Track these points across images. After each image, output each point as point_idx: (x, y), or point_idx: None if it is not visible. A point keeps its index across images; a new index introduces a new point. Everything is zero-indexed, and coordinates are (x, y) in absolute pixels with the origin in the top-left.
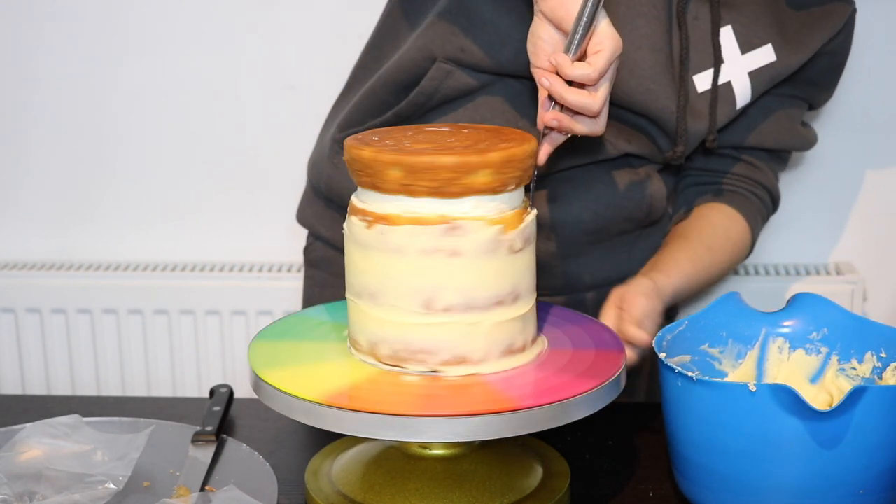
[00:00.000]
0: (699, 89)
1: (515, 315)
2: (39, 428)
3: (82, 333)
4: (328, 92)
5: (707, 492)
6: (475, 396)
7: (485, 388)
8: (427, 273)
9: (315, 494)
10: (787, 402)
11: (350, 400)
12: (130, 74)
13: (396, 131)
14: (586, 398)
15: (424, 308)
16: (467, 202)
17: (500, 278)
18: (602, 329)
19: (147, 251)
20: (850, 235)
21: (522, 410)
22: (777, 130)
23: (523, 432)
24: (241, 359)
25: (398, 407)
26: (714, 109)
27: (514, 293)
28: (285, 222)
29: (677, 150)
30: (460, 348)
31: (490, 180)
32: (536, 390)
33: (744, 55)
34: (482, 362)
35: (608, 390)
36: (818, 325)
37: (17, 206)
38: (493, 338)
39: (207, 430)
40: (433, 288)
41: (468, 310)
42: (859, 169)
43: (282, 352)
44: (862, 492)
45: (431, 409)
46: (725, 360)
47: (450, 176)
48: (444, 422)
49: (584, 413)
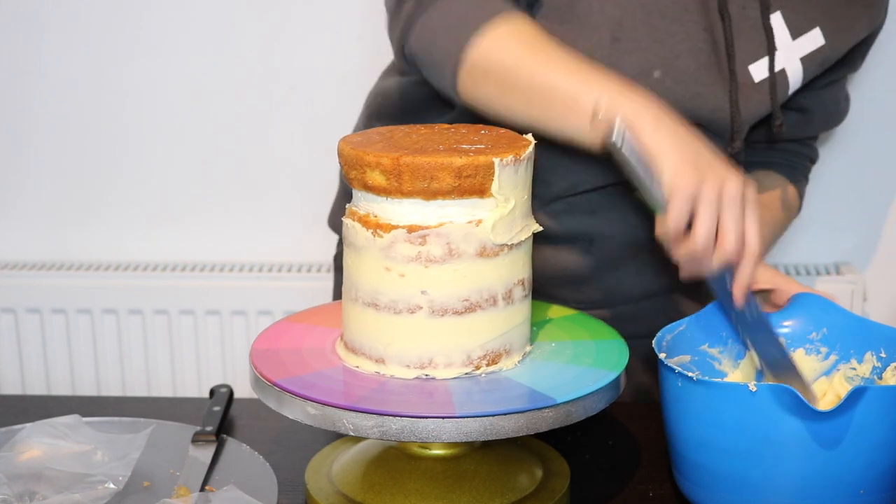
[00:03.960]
0: (756, 79)
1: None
2: (39, 428)
3: (82, 333)
4: (328, 92)
5: (707, 492)
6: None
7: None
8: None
9: (315, 494)
10: (788, 402)
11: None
12: (130, 75)
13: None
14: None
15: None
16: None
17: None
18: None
19: (147, 251)
20: (850, 235)
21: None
22: (828, 120)
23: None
24: (241, 359)
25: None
26: (775, 96)
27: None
28: (286, 222)
29: (735, 145)
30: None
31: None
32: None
33: (795, 40)
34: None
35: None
36: (818, 325)
37: (17, 206)
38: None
39: (207, 430)
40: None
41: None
42: (859, 169)
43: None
44: (862, 492)
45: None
46: (725, 360)
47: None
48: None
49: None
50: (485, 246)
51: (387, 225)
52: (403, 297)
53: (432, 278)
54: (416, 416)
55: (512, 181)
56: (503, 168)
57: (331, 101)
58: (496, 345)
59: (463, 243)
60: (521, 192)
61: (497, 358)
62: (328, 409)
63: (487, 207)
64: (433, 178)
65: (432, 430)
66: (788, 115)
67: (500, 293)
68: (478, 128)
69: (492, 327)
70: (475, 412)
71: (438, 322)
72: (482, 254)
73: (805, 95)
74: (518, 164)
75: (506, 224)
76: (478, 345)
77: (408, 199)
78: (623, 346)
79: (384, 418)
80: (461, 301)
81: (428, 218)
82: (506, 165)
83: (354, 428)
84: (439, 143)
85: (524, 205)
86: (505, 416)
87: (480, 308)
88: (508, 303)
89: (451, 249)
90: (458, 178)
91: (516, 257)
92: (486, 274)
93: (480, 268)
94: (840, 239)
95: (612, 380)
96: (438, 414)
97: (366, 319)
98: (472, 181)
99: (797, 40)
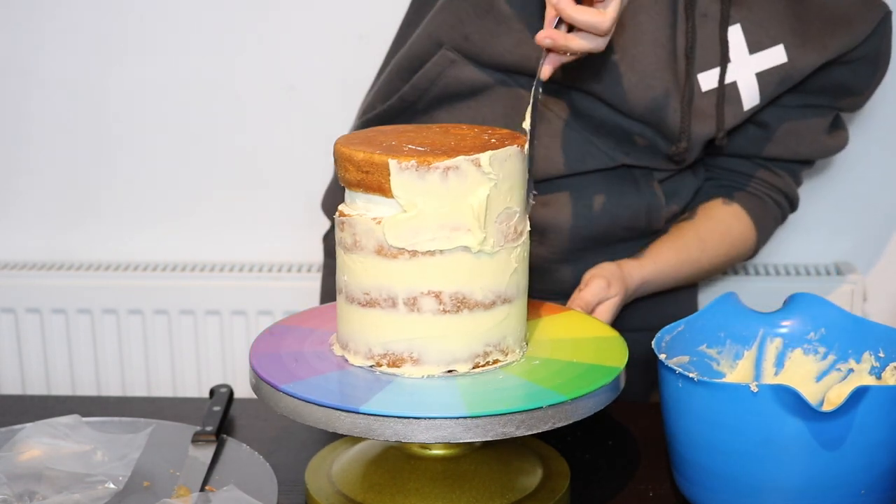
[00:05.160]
0: (703, 88)
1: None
2: (39, 428)
3: (82, 333)
4: (328, 92)
5: (707, 492)
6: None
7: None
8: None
9: (315, 494)
10: (790, 402)
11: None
12: (130, 74)
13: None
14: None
15: (395, 307)
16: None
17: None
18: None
19: (147, 251)
20: (850, 235)
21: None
22: (798, 143)
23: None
24: (241, 359)
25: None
26: (721, 107)
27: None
28: (286, 222)
29: (680, 146)
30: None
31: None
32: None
33: (752, 55)
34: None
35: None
36: (816, 325)
37: (17, 206)
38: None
39: (207, 430)
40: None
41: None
42: (859, 169)
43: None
44: (863, 492)
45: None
46: (723, 361)
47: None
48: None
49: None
50: (382, 245)
51: (339, 208)
52: (337, 276)
53: (345, 264)
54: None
55: (418, 187)
56: (401, 171)
57: (331, 101)
58: (398, 347)
59: (364, 237)
60: (436, 203)
61: (399, 361)
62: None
63: (391, 208)
64: (345, 168)
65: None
66: (746, 129)
67: (400, 297)
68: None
69: (392, 329)
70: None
71: (349, 309)
72: (380, 252)
73: (769, 111)
74: (427, 172)
75: (406, 229)
76: (378, 342)
77: (345, 187)
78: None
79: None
80: (363, 294)
81: (350, 207)
82: (405, 169)
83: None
84: (409, 142)
85: (444, 216)
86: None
87: (379, 306)
88: (412, 310)
89: (356, 241)
90: (359, 171)
91: (427, 266)
92: (383, 274)
93: (379, 266)
94: (840, 239)
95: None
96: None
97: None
98: (371, 177)
99: (755, 55)
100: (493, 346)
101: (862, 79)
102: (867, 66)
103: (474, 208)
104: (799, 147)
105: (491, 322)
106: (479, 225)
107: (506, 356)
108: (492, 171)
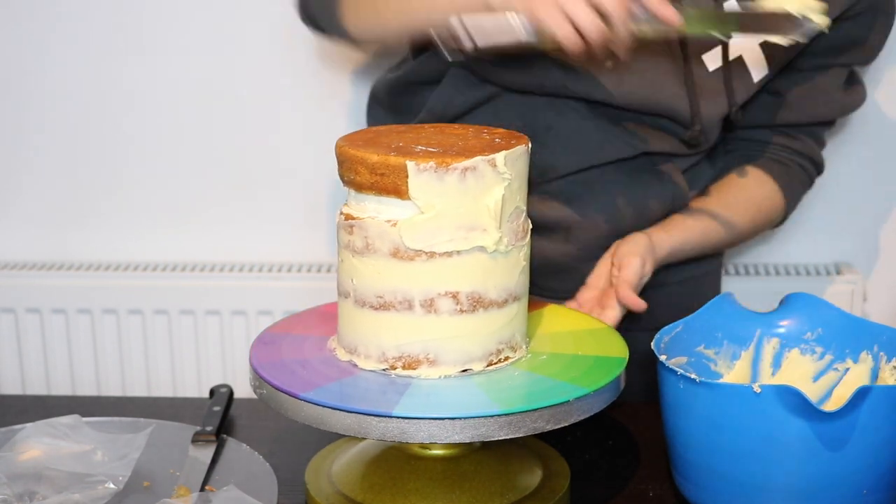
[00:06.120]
0: (710, 67)
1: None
2: (39, 428)
3: (82, 333)
4: (328, 92)
5: (707, 493)
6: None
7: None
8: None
9: (315, 494)
10: (793, 403)
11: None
12: (130, 74)
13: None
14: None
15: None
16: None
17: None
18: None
19: (147, 251)
20: (850, 235)
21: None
22: (813, 105)
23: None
24: (241, 359)
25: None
26: (730, 84)
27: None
28: (286, 222)
29: (694, 129)
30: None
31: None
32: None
33: None
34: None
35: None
36: (813, 324)
37: (17, 206)
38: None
39: (207, 430)
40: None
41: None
42: (859, 169)
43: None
44: (865, 492)
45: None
46: (720, 362)
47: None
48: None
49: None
50: (398, 248)
51: (344, 212)
52: (342, 279)
53: (355, 268)
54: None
55: (436, 189)
56: (420, 173)
57: (330, 101)
58: (414, 349)
59: (378, 240)
60: (454, 204)
61: (415, 363)
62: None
63: (406, 210)
64: (355, 171)
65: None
66: (761, 99)
67: (417, 299)
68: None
69: (408, 331)
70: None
71: (359, 313)
72: (395, 255)
73: (782, 79)
74: (446, 173)
75: (424, 230)
76: (392, 345)
77: (350, 189)
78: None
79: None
80: (376, 297)
81: (358, 210)
82: (423, 171)
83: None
84: (415, 142)
85: (462, 217)
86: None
87: (394, 308)
88: (429, 311)
89: (368, 244)
90: (373, 174)
91: (444, 267)
92: (398, 276)
93: (394, 268)
94: (840, 239)
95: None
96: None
97: (352, 318)
98: (387, 180)
99: None
100: (505, 344)
101: (868, 29)
102: (872, 16)
103: (490, 208)
104: (815, 109)
105: (504, 320)
106: (495, 225)
107: (515, 353)
108: (506, 170)
